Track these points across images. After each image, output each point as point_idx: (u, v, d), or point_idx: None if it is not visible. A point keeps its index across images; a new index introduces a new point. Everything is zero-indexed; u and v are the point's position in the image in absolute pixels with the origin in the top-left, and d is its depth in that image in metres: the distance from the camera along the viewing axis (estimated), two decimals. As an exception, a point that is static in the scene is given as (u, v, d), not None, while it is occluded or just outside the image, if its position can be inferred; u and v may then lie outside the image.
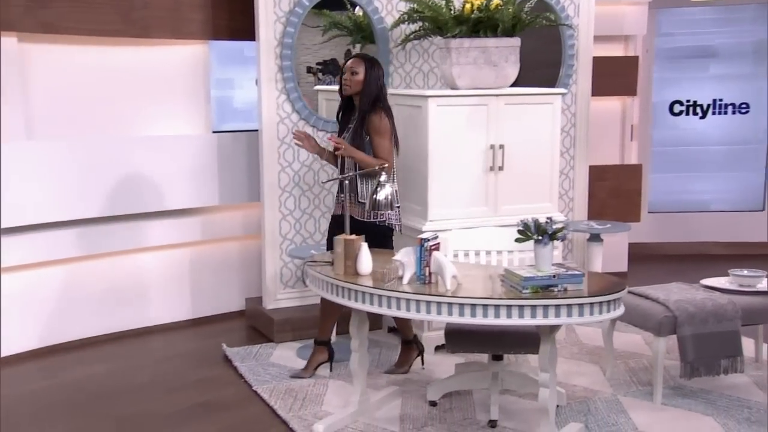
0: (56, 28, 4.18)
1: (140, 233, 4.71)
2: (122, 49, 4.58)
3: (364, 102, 3.86)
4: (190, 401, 3.79)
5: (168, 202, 4.75)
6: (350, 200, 3.80)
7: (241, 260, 5.15)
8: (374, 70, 3.88)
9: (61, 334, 4.54)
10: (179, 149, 4.74)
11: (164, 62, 4.72)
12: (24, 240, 4.26)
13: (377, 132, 3.84)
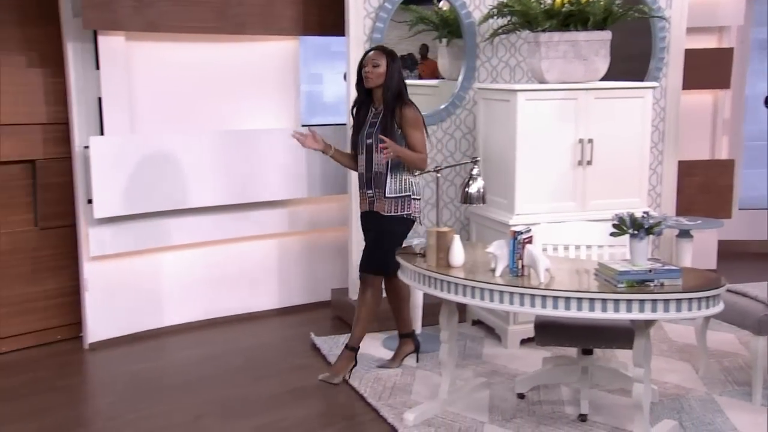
0: (159, 27, 4.35)
1: (232, 224, 4.87)
2: (218, 45, 4.72)
3: (388, 95, 3.80)
4: (283, 387, 3.91)
5: (259, 194, 4.89)
6: (377, 195, 3.85)
7: (327, 251, 5.26)
8: (395, 62, 3.84)
9: (162, 319, 4.74)
10: (270, 143, 4.86)
11: (257, 58, 4.85)
12: (125, 229, 4.46)
13: (413, 125, 3.81)
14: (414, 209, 3.90)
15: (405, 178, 3.86)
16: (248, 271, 5.02)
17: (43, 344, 4.48)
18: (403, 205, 3.86)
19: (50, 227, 4.44)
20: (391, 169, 3.82)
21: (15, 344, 4.38)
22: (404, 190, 3.85)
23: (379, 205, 3.85)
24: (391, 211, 3.85)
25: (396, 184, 3.83)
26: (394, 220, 3.84)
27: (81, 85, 4.30)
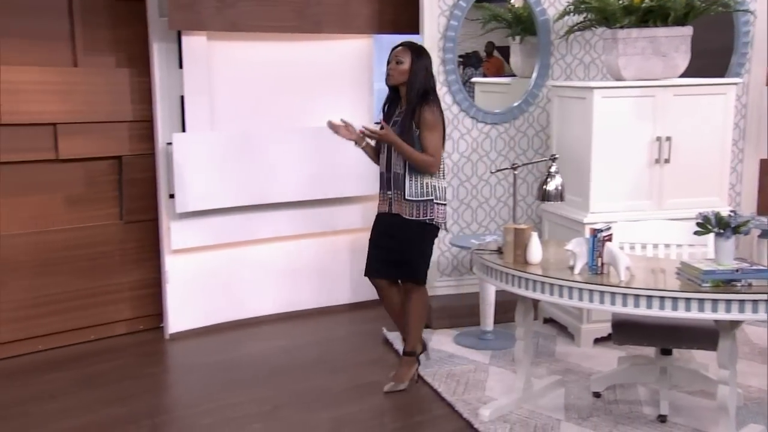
0: (240, 27, 4.46)
1: (307, 220, 4.96)
2: (294, 44, 4.80)
3: (412, 94, 3.64)
4: (357, 380, 3.96)
5: (333, 191, 4.96)
6: (397, 198, 3.70)
7: (398, 248, 5.31)
8: (421, 59, 3.66)
9: (240, 312, 4.85)
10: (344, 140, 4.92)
11: (332, 56, 4.92)
12: (205, 223, 4.60)
13: (428, 127, 3.61)
14: (438, 214, 3.70)
15: (426, 181, 3.67)
16: (322, 266, 5.11)
17: (127, 333, 4.65)
18: (425, 209, 3.66)
19: (134, 221, 4.60)
20: (409, 171, 3.65)
21: (103, 332, 4.56)
22: (426, 194, 3.66)
23: (399, 207, 3.69)
24: (413, 215, 3.67)
25: (416, 187, 3.65)
26: (416, 225, 3.67)
27: (165, 84, 4.44)
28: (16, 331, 4.27)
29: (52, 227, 4.35)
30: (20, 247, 4.25)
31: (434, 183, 3.68)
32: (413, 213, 3.66)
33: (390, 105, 3.80)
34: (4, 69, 4.05)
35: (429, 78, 3.67)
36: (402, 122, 3.65)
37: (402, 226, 3.68)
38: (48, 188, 4.32)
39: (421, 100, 3.62)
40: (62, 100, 4.25)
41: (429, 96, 3.65)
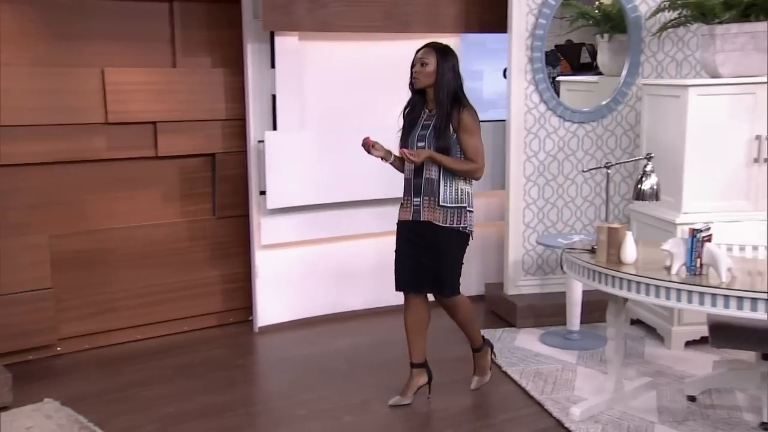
0: (331, 27, 4.56)
1: (392, 217, 5.00)
2: (382, 43, 4.87)
3: (442, 97, 3.46)
4: (443, 377, 3.97)
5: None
6: (428, 204, 3.53)
7: (481, 246, 5.30)
8: (447, 60, 3.49)
9: (326, 307, 4.95)
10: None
11: (419, 56, 4.98)
12: (294, 219, 4.72)
13: (469, 130, 3.46)
14: (469, 221, 3.56)
15: (461, 187, 3.52)
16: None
17: (217, 326, 4.81)
18: (459, 216, 3.52)
19: (226, 216, 4.76)
20: (444, 176, 3.49)
21: (195, 324, 4.73)
22: (460, 200, 3.51)
23: (431, 214, 3.51)
24: (447, 222, 3.50)
25: (451, 192, 3.50)
26: (451, 232, 3.52)
27: (257, 83, 4.57)
28: (116, 320, 4.47)
29: (150, 222, 4.54)
30: (121, 240, 4.46)
31: (467, 189, 3.55)
32: (447, 220, 3.51)
33: (414, 109, 3.61)
34: (110, 71, 4.26)
35: (457, 78, 3.52)
36: (437, 127, 3.47)
37: (435, 234, 3.51)
38: (147, 184, 4.52)
39: (455, 103, 3.47)
40: (162, 99, 4.44)
41: (461, 97, 3.50)
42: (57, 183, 4.24)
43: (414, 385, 3.72)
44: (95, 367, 4.20)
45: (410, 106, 3.64)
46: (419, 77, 3.51)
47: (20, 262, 4.10)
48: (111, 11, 4.29)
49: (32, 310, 4.15)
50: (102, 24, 4.27)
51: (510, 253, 4.86)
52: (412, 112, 3.63)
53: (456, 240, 3.56)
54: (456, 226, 3.52)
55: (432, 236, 3.51)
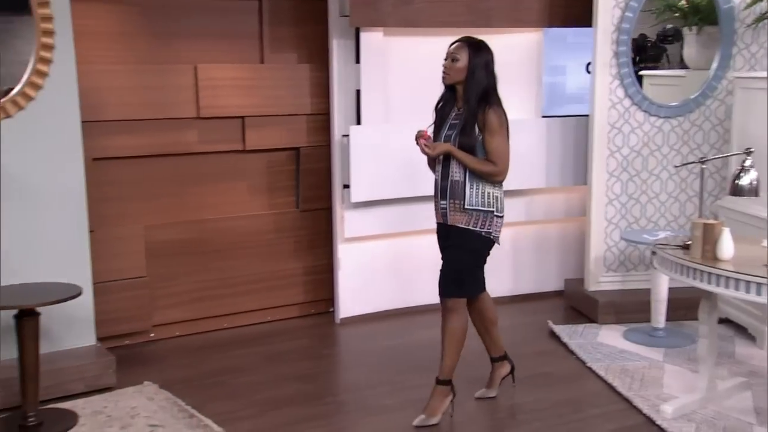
0: (416, 22, 4.61)
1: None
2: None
3: (471, 95, 3.31)
4: (527, 371, 4.01)
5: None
6: (453, 207, 3.39)
7: (560, 242, 5.31)
8: (479, 56, 3.33)
9: (406, 299, 5.00)
10: (511, 133, 4.97)
11: (501, 50, 4.93)
12: (376, 213, 4.79)
13: (493, 131, 3.30)
14: (495, 227, 3.41)
15: (488, 190, 3.37)
16: (484, 257, 5.20)
17: (299, 316, 4.93)
18: (484, 220, 3.37)
19: (309, 209, 4.87)
20: (470, 178, 3.35)
21: (278, 314, 4.86)
22: (487, 204, 3.36)
23: (455, 217, 3.39)
24: (470, 225, 3.36)
25: (477, 196, 3.35)
26: (473, 236, 3.37)
27: (342, 79, 4.66)
28: (205, 309, 4.63)
29: (238, 213, 4.68)
30: (210, 231, 4.61)
31: (496, 193, 3.40)
32: (470, 222, 3.36)
33: (445, 105, 3.48)
34: (202, 67, 4.40)
35: (489, 76, 3.35)
36: (463, 126, 3.34)
37: (458, 236, 3.39)
38: (235, 177, 4.66)
39: (483, 102, 3.31)
40: (250, 94, 4.56)
41: (491, 96, 3.34)
42: (152, 175, 4.42)
43: (498, 377, 3.73)
44: (186, 354, 4.36)
45: (442, 101, 3.50)
46: (449, 73, 3.38)
47: (117, 252, 4.29)
48: (204, 9, 4.44)
49: (128, 297, 4.34)
50: (195, 22, 4.42)
51: (591, 249, 4.84)
52: (442, 109, 3.50)
53: (476, 243, 3.40)
54: (479, 230, 3.37)
55: (456, 239, 3.40)
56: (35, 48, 3.67)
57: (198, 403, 3.65)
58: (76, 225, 3.88)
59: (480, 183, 3.36)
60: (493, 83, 3.37)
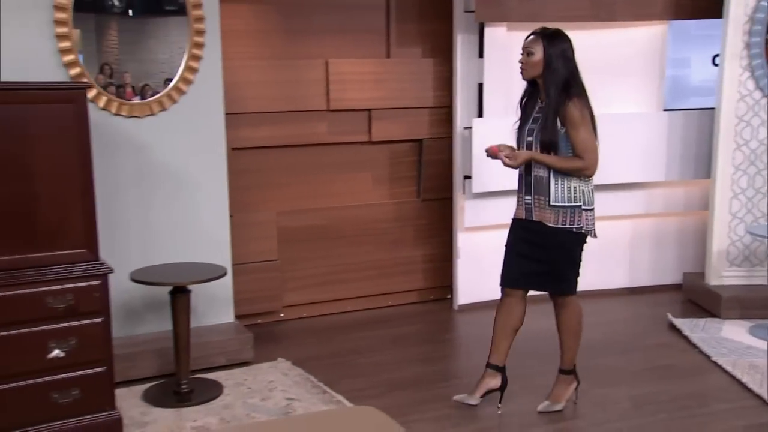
0: (539, 17, 4.59)
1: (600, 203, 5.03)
2: (587, 32, 4.85)
3: (551, 88, 3.18)
4: (649, 363, 4.00)
5: (617, 176, 4.97)
6: (539, 204, 3.29)
7: (679, 235, 5.22)
8: (555, 45, 3.19)
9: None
10: (631, 126, 4.93)
11: (624, 43, 4.93)
12: (495, 203, 4.80)
13: (575, 124, 3.17)
14: (586, 221, 3.29)
15: (573, 185, 3.24)
16: (602, 249, 5.15)
17: (418, 302, 5.06)
18: (572, 216, 3.25)
19: (430, 199, 4.98)
20: (554, 174, 3.24)
21: (398, 299, 5.01)
22: (574, 199, 3.25)
23: (540, 214, 3.28)
24: (558, 223, 3.25)
25: (563, 191, 3.25)
26: (562, 234, 3.27)
27: (465, 73, 4.73)
28: (331, 292, 4.82)
29: (363, 202, 4.85)
30: (337, 219, 4.79)
31: (582, 187, 3.27)
32: (558, 220, 3.26)
33: (528, 100, 3.38)
34: (333, 62, 4.57)
35: (568, 64, 3.21)
36: (543, 122, 3.23)
37: (547, 236, 3.29)
38: (360, 167, 4.82)
39: (563, 94, 3.19)
40: (376, 88, 4.70)
41: (572, 87, 3.21)
42: (284, 165, 4.63)
43: (484, 386, 3.52)
44: (314, 334, 4.56)
45: (526, 96, 3.40)
46: (525, 68, 3.27)
47: (252, 236, 4.52)
48: (335, 7, 4.61)
49: (261, 279, 4.57)
50: (327, 19, 4.59)
51: (714, 243, 4.73)
52: (526, 104, 3.40)
53: (570, 241, 3.31)
54: (569, 226, 3.27)
55: (545, 237, 3.30)
56: (188, 46, 3.93)
57: (328, 380, 3.82)
58: (219, 210, 4.12)
59: (565, 178, 3.25)
60: (573, 72, 3.23)
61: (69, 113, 3.12)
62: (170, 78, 3.92)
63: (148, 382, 3.78)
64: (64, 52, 3.66)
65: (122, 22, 3.86)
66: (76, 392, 3.16)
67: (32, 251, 3.10)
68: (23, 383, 3.07)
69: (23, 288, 3.05)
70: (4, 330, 3.02)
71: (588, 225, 3.32)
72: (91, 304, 3.17)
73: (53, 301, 3.10)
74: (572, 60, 3.23)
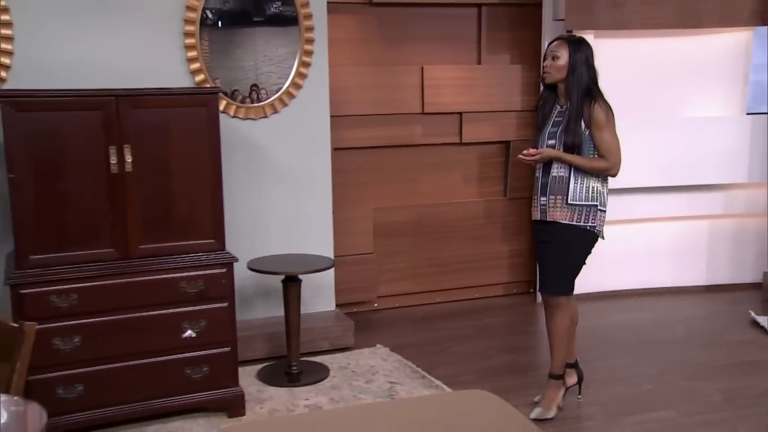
0: (627, 25, 4.68)
1: (670, 204, 5.07)
2: (671, 39, 4.91)
3: (574, 92, 3.17)
4: (733, 358, 4.01)
5: (698, 178, 5.01)
6: (554, 204, 3.25)
7: (759, 236, 5.19)
8: (580, 52, 3.19)
9: (604, 284, 5.11)
10: (714, 130, 4.94)
11: (707, 49, 4.93)
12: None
13: (600, 126, 3.16)
14: (599, 221, 3.25)
15: (592, 185, 3.22)
16: (680, 247, 5.19)
17: (503, 295, 5.18)
18: (588, 215, 3.23)
19: (516, 198, 5.09)
20: (575, 173, 3.21)
21: (484, 292, 5.13)
22: (591, 198, 3.22)
23: (556, 213, 3.25)
24: (574, 220, 3.22)
25: (582, 190, 3.22)
26: (576, 231, 3.23)
27: (552, 78, 4.83)
28: (419, 284, 4.98)
29: (453, 200, 4.99)
30: (429, 215, 4.95)
31: (600, 188, 3.25)
32: (574, 218, 3.23)
33: (545, 104, 3.35)
34: (428, 68, 4.72)
35: (590, 71, 3.21)
36: (567, 124, 3.21)
37: (560, 232, 3.25)
38: (451, 167, 4.95)
39: (587, 97, 3.18)
40: (467, 92, 4.83)
41: (594, 92, 3.20)
42: (380, 164, 4.80)
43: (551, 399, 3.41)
44: (407, 323, 4.71)
45: (542, 101, 3.39)
46: (550, 71, 3.26)
47: (350, 231, 4.70)
48: (430, 17, 4.76)
49: (358, 271, 4.75)
50: (422, 28, 4.74)
51: (796, 243, 4.72)
52: (543, 108, 3.37)
53: (581, 239, 3.27)
54: (584, 224, 3.24)
55: (557, 235, 3.27)
56: (299, 54, 4.13)
57: (426, 366, 3.96)
58: (324, 206, 4.31)
59: (585, 178, 3.23)
60: (594, 78, 3.24)
61: (202, 116, 3.35)
62: (255, 84, 4.09)
63: (259, 363, 4.00)
64: (191, 61, 3.90)
65: (212, 33, 4.00)
66: (205, 369, 3.39)
67: (169, 240, 3.34)
68: (162, 359, 3.32)
69: (162, 273, 3.29)
70: (147, 310, 3.27)
71: (600, 225, 3.29)
72: (218, 290, 3.40)
73: (186, 286, 3.33)
74: (594, 67, 3.25)
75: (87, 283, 3.18)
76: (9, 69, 3.58)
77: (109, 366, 3.23)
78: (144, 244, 3.29)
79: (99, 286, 3.20)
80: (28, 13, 3.59)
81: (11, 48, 3.58)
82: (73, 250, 3.20)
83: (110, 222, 3.23)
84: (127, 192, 3.23)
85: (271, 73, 4.13)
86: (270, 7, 4.08)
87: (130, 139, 3.20)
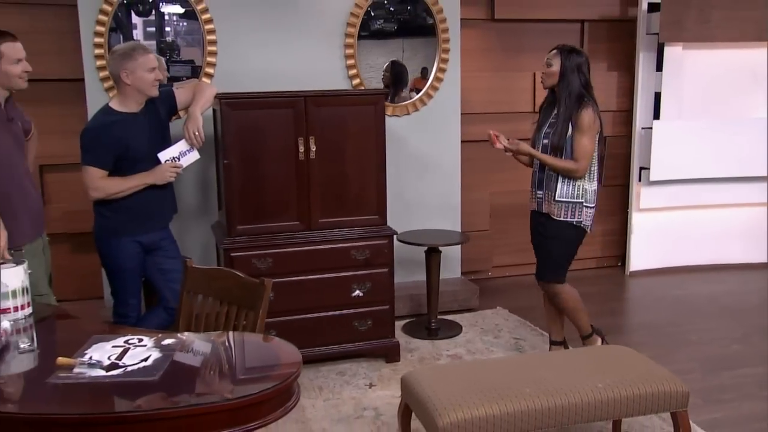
0: (712, 37, 4.54)
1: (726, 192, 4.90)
2: (748, 50, 4.71)
3: (565, 96, 3.00)
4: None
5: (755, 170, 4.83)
6: (547, 198, 3.12)
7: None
8: (571, 60, 3.00)
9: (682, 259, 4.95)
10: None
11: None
12: (666, 189, 4.79)
13: (581, 130, 2.98)
14: (585, 217, 3.10)
15: (579, 183, 3.06)
16: (748, 229, 5.00)
17: (596, 267, 5.10)
18: (574, 211, 3.08)
19: (608, 185, 4.96)
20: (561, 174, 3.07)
21: (579, 265, 4.88)
22: (576, 196, 3.07)
23: (548, 207, 3.13)
24: (561, 216, 3.09)
25: (568, 188, 3.07)
26: (563, 225, 3.10)
27: (644, 83, 4.70)
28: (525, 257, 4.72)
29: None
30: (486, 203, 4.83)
31: (586, 186, 3.08)
32: (561, 213, 3.10)
33: (548, 106, 3.20)
34: (538, 74, 4.54)
35: (581, 78, 3.03)
36: (557, 126, 3.06)
37: (550, 226, 3.14)
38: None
39: (576, 103, 3.01)
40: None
41: (584, 97, 3.02)
42: (496, 155, 4.63)
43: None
44: (518, 289, 4.69)
45: (545, 103, 3.24)
46: (544, 78, 3.13)
47: (470, 210, 4.68)
48: (541, 31, 4.70)
49: (477, 245, 4.73)
50: (534, 40, 4.67)
51: None
52: (545, 109, 3.23)
53: (568, 233, 3.13)
54: (570, 220, 3.10)
55: (547, 227, 3.16)
56: (437, 61, 4.11)
57: (542, 326, 3.89)
58: (453, 190, 4.32)
59: (570, 179, 3.07)
60: (585, 85, 3.05)
61: (371, 113, 3.40)
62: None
63: (402, 319, 4.04)
64: (350, 67, 3.93)
65: (364, 44, 3.97)
66: (369, 322, 3.45)
67: (342, 216, 3.41)
68: (335, 313, 3.41)
69: (337, 243, 3.37)
70: (325, 273, 3.37)
71: (586, 221, 3.13)
72: (381, 258, 3.45)
73: (356, 254, 3.39)
74: (585, 75, 3.07)
75: (279, 249, 3.27)
76: (212, 77, 3.69)
77: (295, 317, 3.34)
78: (323, 218, 3.36)
79: (288, 253, 3.29)
80: (224, 34, 3.68)
81: (215, 60, 3.69)
82: (268, 221, 3.30)
83: (297, 199, 3.32)
84: (311, 175, 3.30)
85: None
86: (415, 19, 4.06)
87: (314, 132, 3.27)
